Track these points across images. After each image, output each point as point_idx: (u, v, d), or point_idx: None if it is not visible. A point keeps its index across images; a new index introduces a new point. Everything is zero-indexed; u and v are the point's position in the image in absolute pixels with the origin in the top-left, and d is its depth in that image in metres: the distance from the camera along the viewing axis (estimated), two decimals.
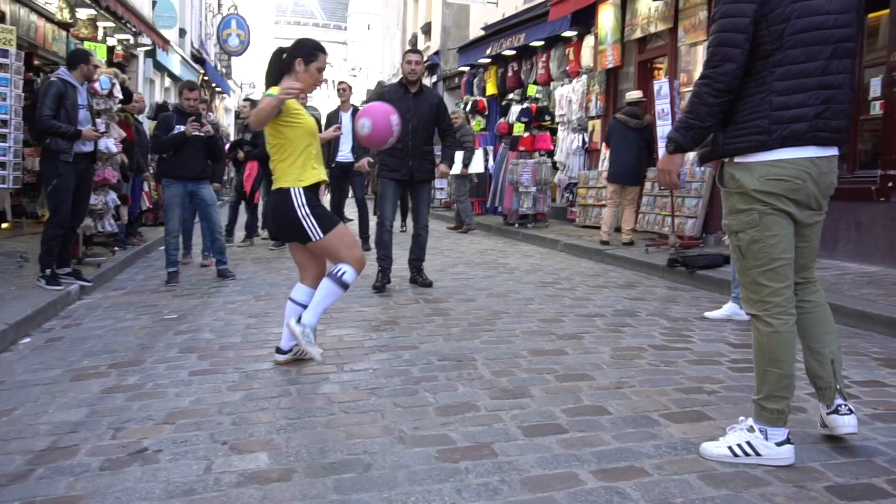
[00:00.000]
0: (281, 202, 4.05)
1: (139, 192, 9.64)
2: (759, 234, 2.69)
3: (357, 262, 4.08)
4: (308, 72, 4.08)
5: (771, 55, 2.61)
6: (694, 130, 2.69)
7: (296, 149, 4.04)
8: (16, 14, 8.83)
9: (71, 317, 5.67)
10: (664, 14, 10.26)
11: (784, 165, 2.63)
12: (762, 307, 2.74)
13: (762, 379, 2.74)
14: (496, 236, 12.06)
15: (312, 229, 4.01)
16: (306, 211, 4.00)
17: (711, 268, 7.19)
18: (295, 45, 4.17)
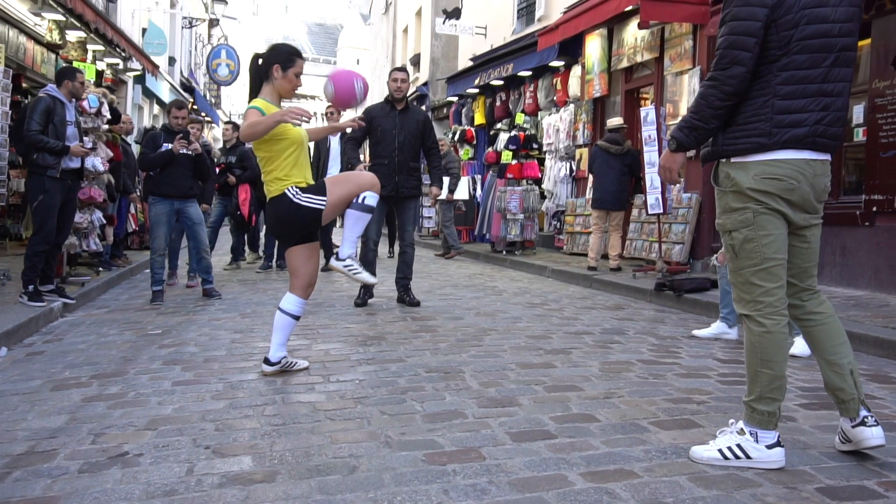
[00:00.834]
0: (280, 206, 4.03)
1: (125, 214, 9.58)
2: (753, 234, 2.69)
3: (371, 185, 4.12)
4: (286, 77, 4.06)
5: (777, 60, 2.62)
6: (697, 131, 2.70)
7: (284, 159, 4.02)
8: (4, 35, 8.84)
9: (53, 333, 5.58)
10: (650, 44, 10.40)
11: (779, 165, 2.63)
12: (754, 307, 2.72)
13: (753, 380, 2.72)
14: (484, 263, 12.05)
15: (315, 202, 3.98)
16: (301, 197, 3.98)
17: (699, 291, 7.20)
18: (270, 51, 4.13)
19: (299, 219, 4.03)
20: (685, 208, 9.43)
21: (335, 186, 4.07)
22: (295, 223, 4.06)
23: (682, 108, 9.85)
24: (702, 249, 9.27)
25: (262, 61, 4.09)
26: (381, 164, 6.75)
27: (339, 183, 4.11)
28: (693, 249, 9.32)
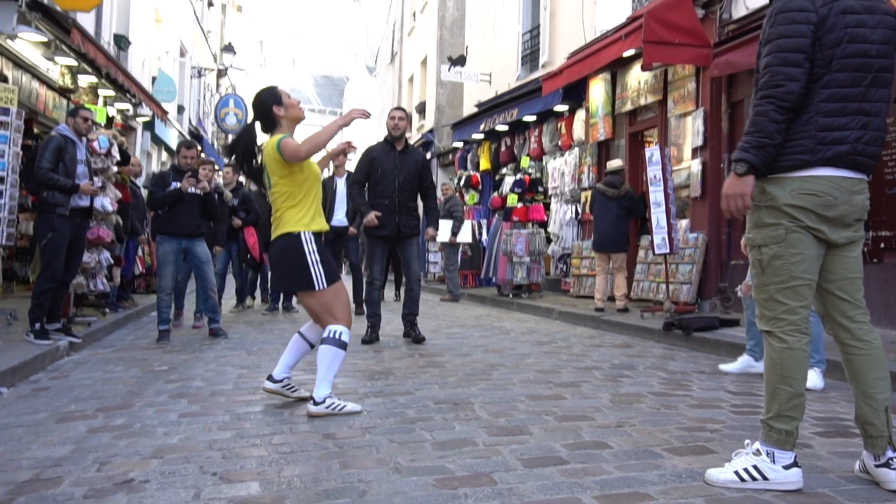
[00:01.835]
0: (290, 246, 3.98)
1: (133, 256, 9.60)
2: (783, 251, 2.67)
3: (348, 320, 4.03)
4: (288, 109, 4.11)
5: (820, 78, 2.63)
6: (766, 149, 2.62)
7: (307, 195, 4.04)
8: (18, 80, 8.99)
9: (58, 370, 5.55)
10: (653, 86, 10.51)
11: (817, 181, 2.62)
12: (776, 324, 2.69)
13: (772, 397, 2.68)
14: (490, 306, 12.01)
15: (318, 277, 3.94)
16: (316, 257, 3.95)
17: (708, 330, 7.14)
18: (260, 102, 4.14)
19: (294, 268, 3.96)
20: (692, 248, 9.42)
21: (335, 291, 4.00)
22: (289, 270, 4.01)
23: (686, 150, 9.91)
24: (709, 289, 9.23)
25: (261, 113, 4.12)
26: (381, 203, 6.80)
27: (339, 294, 4.04)
28: (701, 289, 9.28)
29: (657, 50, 9.07)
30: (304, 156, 3.90)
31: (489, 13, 17.37)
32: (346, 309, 4.05)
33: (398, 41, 27.62)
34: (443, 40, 20.89)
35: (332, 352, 3.92)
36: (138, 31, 14.82)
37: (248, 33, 41.86)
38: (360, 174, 7.03)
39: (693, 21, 9.13)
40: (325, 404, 3.86)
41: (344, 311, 4.03)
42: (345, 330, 3.96)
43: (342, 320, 3.98)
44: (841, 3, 2.63)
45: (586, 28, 12.30)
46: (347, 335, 3.97)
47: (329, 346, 3.92)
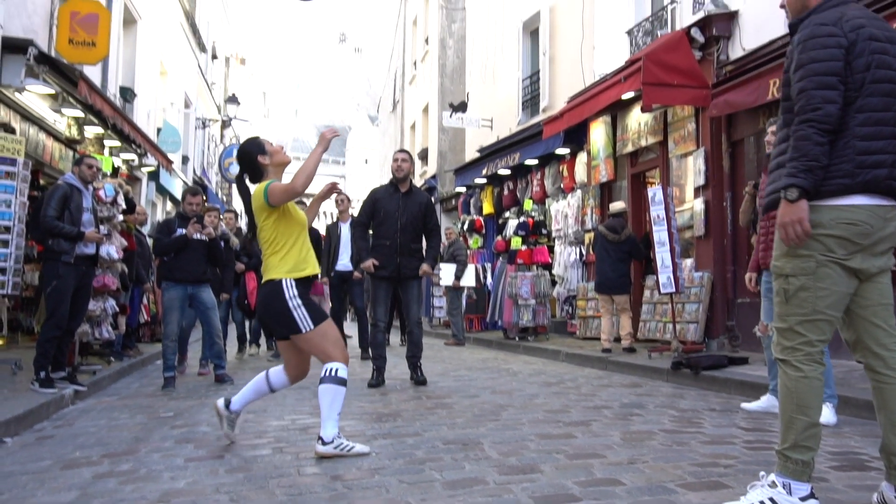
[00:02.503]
0: (272, 293, 4.00)
1: (138, 304, 9.59)
2: (811, 283, 2.64)
3: (343, 356, 4.01)
4: (273, 156, 4.15)
5: (853, 102, 2.64)
6: (814, 172, 2.60)
7: (288, 241, 4.05)
8: (25, 131, 9.08)
9: (63, 419, 5.51)
10: (654, 128, 10.61)
11: (856, 210, 2.61)
12: (792, 353, 2.67)
13: (788, 426, 2.63)
14: (497, 349, 11.94)
15: (303, 320, 3.94)
16: (297, 302, 3.95)
17: (716, 368, 7.08)
18: (244, 154, 4.18)
19: (277, 315, 3.97)
20: (697, 287, 9.40)
21: (323, 331, 3.99)
22: (273, 317, 4.02)
23: (688, 191, 9.95)
24: (717, 328, 9.17)
25: (248, 165, 4.15)
26: (383, 244, 6.84)
27: (329, 334, 4.02)
28: (708, 328, 9.23)
29: (656, 91, 9.18)
30: (301, 188, 3.92)
31: (489, 60, 17.63)
32: (339, 346, 4.03)
33: (399, 90, 27.99)
34: (444, 87, 21.18)
35: (332, 390, 3.90)
36: (144, 83, 15.04)
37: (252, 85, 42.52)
38: (364, 215, 7.08)
39: (691, 62, 9.25)
40: (333, 444, 3.82)
41: (337, 348, 4.01)
42: (341, 366, 3.94)
43: (337, 357, 3.97)
44: (867, 31, 2.65)
45: (585, 72, 12.47)
46: (345, 371, 3.95)
47: (327, 385, 3.90)
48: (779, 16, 8.23)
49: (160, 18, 16.50)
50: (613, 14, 11.85)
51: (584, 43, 12.71)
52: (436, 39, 21.92)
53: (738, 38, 8.97)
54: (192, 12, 20.52)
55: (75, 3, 10.09)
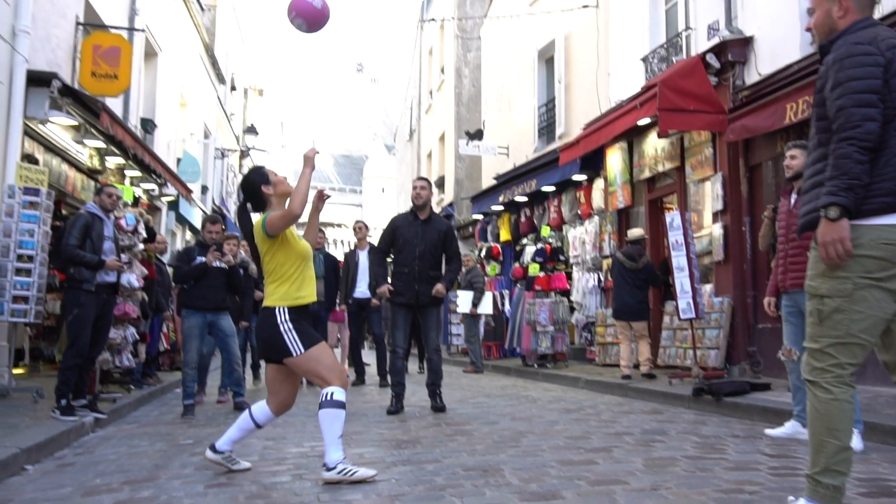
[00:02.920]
0: (264, 320, 4.07)
1: (158, 332, 9.65)
2: (846, 305, 2.61)
3: (340, 379, 4.01)
4: (276, 186, 4.19)
5: (892, 120, 2.62)
6: (854, 191, 2.57)
7: (288, 271, 4.09)
8: (49, 163, 9.23)
9: (84, 446, 5.52)
10: (670, 153, 10.60)
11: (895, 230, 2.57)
12: (821, 374, 2.63)
13: (818, 450, 2.59)
14: (515, 376, 11.87)
15: (293, 343, 3.96)
16: (288, 326, 3.99)
17: (738, 395, 7.00)
18: (248, 183, 4.25)
19: (269, 339, 4.01)
20: (717, 312, 9.32)
21: (316, 354, 4.00)
22: (265, 342, 4.07)
23: (707, 216, 9.92)
24: (738, 354, 9.08)
25: (251, 194, 4.22)
26: (401, 272, 6.90)
27: (322, 357, 4.03)
28: (729, 354, 9.14)
29: (672, 117, 9.19)
30: (298, 210, 3.98)
31: (504, 88, 17.75)
32: (334, 370, 4.03)
33: (416, 119, 28.20)
34: (460, 116, 21.32)
35: (331, 414, 3.91)
36: (164, 114, 15.25)
37: (270, 115, 42.98)
38: (384, 243, 7.15)
39: (707, 88, 9.26)
40: (336, 470, 3.81)
41: (332, 372, 4.02)
42: (337, 390, 3.94)
43: (333, 381, 3.97)
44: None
45: (601, 99, 12.52)
46: (341, 394, 3.95)
47: (326, 410, 3.91)
48: (794, 41, 8.28)
49: (180, 51, 16.77)
50: (628, 41, 11.92)
51: (599, 70, 12.77)
52: (451, 69, 22.11)
53: (754, 64, 8.98)
54: (211, 45, 20.86)
55: (98, 36, 10.30)
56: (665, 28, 11.41)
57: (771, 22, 8.71)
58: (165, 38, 14.98)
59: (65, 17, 9.83)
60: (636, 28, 11.71)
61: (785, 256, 5.17)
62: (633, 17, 11.83)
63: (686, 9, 10.69)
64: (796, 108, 7.63)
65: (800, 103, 7.57)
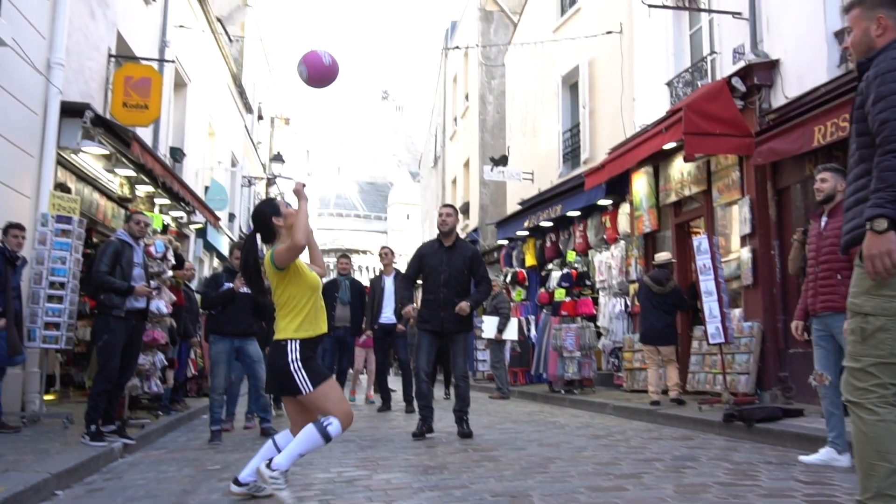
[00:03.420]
0: (276, 354, 4.09)
1: (186, 359, 9.71)
2: (891, 325, 2.56)
3: (345, 417, 4.03)
4: (286, 219, 4.21)
5: None
6: None
7: (298, 304, 4.11)
8: (80, 192, 9.41)
9: (113, 472, 5.55)
10: (697, 177, 10.55)
11: None
12: (864, 395, 2.57)
13: (868, 475, 2.51)
14: (542, 402, 11.78)
15: (302, 381, 3.99)
16: (298, 365, 4.01)
17: (770, 421, 6.88)
18: (259, 214, 4.29)
19: (280, 375, 4.05)
20: (747, 337, 9.20)
21: (324, 391, 4.04)
22: (276, 377, 4.10)
23: (734, 240, 9.84)
24: (769, 379, 8.94)
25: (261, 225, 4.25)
26: (428, 299, 6.94)
27: (330, 394, 4.06)
28: (760, 380, 8.99)
29: (698, 141, 9.15)
30: (303, 241, 4.02)
31: (529, 114, 17.81)
32: (340, 406, 4.05)
33: (441, 145, 28.36)
34: (484, 142, 21.42)
35: (313, 435, 3.93)
36: (193, 143, 15.50)
37: (296, 144, 43.45)
38: (411, 270, 7.21)
39: (733, 112, 9.23)
40: (272, 475, 3.82)
41: (339, 407, 4.04)
42: (335, 422, 3.96)
43: (338, 415, 4.00)
44: None
45: (626, 124, 12.51)
46: (336, 428, 3.96)
47: (313, 430, 3.93)
48: (821, 63, 8.23)
49: (209, 81, 17.07)
50: (653, 66, 11.94)
51: (623, 95, 12.78)
52: (476, 96, 22.26)
53: (780, 87, 8.94)
54: (239, 75, 21.20)
55: (129, 68, 10.53)
56: (690, 52, 11.41)
57: (797, 45, 8.68)
58: (194, 69, 15.27)
59: (98, 49, 10.07)
60: (660, 53, 11.72)
61: (815, 279, 5.10)
62: (657, 43, 11.85)
63: (710, 33, 10.69)
64: (825, 130, 7.57)
65: (828, 126, 7.51)
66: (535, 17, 17.89)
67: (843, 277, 4.74)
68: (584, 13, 14.95)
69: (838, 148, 7.78)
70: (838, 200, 4.96)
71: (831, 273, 4.88)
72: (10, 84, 7.46)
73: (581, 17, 15.04)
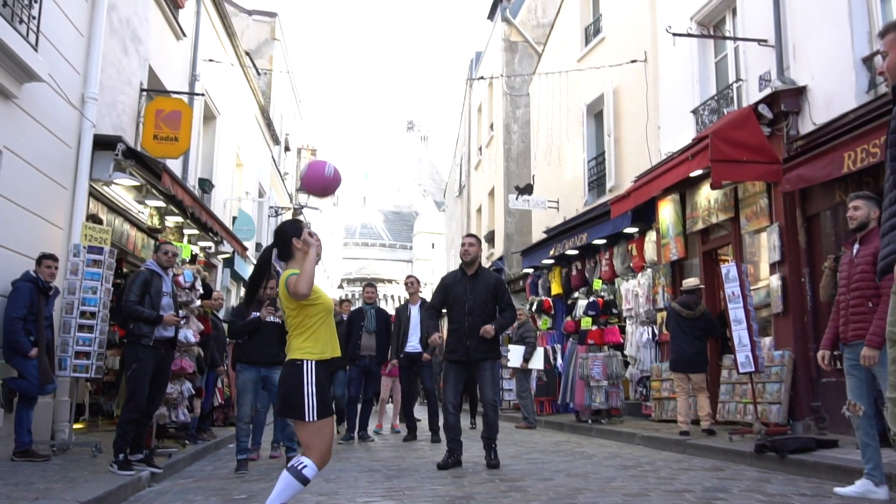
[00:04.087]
0: (292, 373, 4.04)
1: (212, 388, 9.76)
2: None
3: (323, 458, 4.00)
4: (304, 242, 4.19)
5: None
6: None
7: (314, 324, 4.11)
8: (111, 222, 9.56)
9: (140, 500, 5.58)
10: (724, 204, 10.47)
11: None
12: None
13: None
14: (569, 432, 11.65)
15: (310, 409, 3.96)
16: (312, 389, 3.98)
17: (804, 452, 6.75)
18: (282, 231, 4.31)
19: (291, 394, 4.00)
20: (778, 366, 9.05)
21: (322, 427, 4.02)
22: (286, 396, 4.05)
23: (763, 268, 9.73)
24: (801, 409, 8.77)
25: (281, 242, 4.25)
26: (454, 329, 6.95)
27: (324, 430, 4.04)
28: (792, 409, 8.83)
29: (726, 168, 9.10)
30: (304, 290, 3.98)
31: (553, 143, 17.84)
32: (323, 447, 4.01)
33: (465, 175, 28.46)
34: (509, 171, 21.46)
35: (290, 482, 3.90)
36: (221, 174, 15.71)
37: None
38: (436, 300, 7.25)
39: (760, 138, 9.17)
40: None
41: (322, 446, 4.01)
42: (311, 465, 3.92)
43: (314, 457, 3.96)
44: None
45: (651, 151, 12.49)
46: (311, 471, 3.92)
47: (290, 477, 3.90)
48: (849, 89, 8.18)
49: (237, 114, 17.34)
50: (678, 94, 11.93)
51: (649, 123, 12.77)
52: (500, 125, 22.36)
53: (808, 113, 8.89)
54: (266, 107, 21.51)
55: (160, 101, 10.74)
56: (715, 80, 11.39)
57: (825, 71, 8.64)
58: (223, 102, 15.52)
59: (130, 84, 10.28)
60: (686, 81, 11.72)
61: (846, 307, 5.02)
62: (682, 71, 11.86)
63: (736, 61, 10.69)
64: (854, 156, 7.49)
65: (858, 151, 7.44)
66: (559, 47, 18.00)
67: (874, 305, 4.67)
68: (608, 42, 15.02)
69: (868, 174, 7.70)
70: (871, 228, 4.90)
71: (863, 301, 4.81)
72: (45, 118, 7.64)
73: (605, 46, 15.11)
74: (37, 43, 7.14)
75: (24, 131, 7.26)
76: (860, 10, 8.21)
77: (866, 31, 8.13)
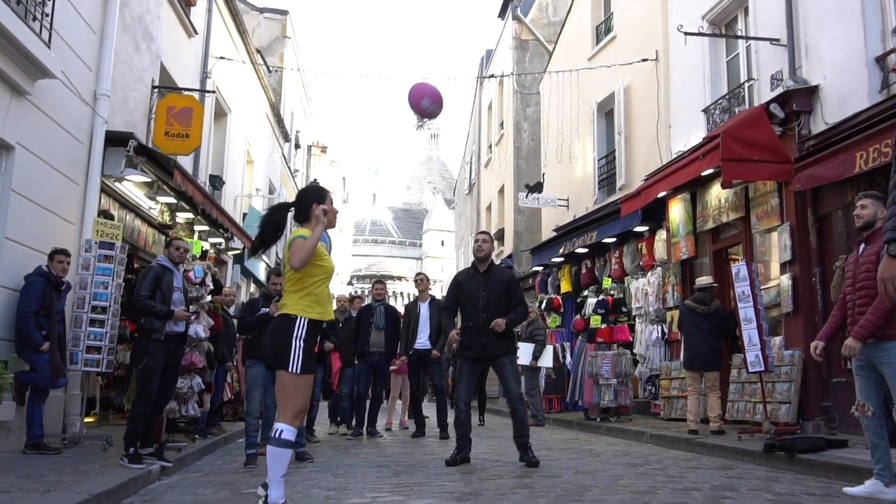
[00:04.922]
0: (283, 325, 4.16)
1: (222, 383, 9.80)
2: None
3: (295, 419, 4.09)
4: (322, 209, 4.28)
5: None
6: None
7: (311, 284, 4.20)
8: (123, 218, 9.61)
9: (150, 494, 5.61)
10: (735, 203, 10.44)
11: None
12: None
13: None
14: (578, 430, 11.65)
15: (295, 361, 4.07)
16: (300, 343, 4.10)
17: (813, 451, 6.72)
18: (304, 195, 4.42)
19: (279, 344, 4.11)
20: (788, 366, 9.02)
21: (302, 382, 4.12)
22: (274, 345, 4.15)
23: (773, 267, 9.70)
24: (811, 409, 8.74)
25: (300, 205, 4.37)
26: (468, 325, 6.94)
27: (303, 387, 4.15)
28: (801, 409, 8.80)
29: (736, 167, 9.07)
30: (297, 266, 4.08)
31: (564, 141, 17.81)
32: (299, 406, 4.12)
33: (475, 172, 28.47)
34: (519, 169, 21.46)
35: (275, 452, 4.02)
36: (232, 171, 15.77)
37: (332, 171, 43.93)
38: (449, 299, 7.27)
39: (771, 138, 9.14)
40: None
41: (296, 407, 4.10)
42: (286, 428, 4.03)
43: (288, 418, 4.07)
44: None
45: (662, 150, 12.47)
46: (289, 432, 4.03)
47: (272, 448, 4.03)
48: (862, 89, 8.14)
49: (248, 111, 17.40)
50: (689, 93, 11.89)
51: (659, 122, 12.75)
52: (511, 123, 22.35)
53: (820, 113, 8.85)
54: (277, 105, 21.57)
55: (172, 98, 10.79)
56: (727, 79, 11.36)
57: (837, 71, 8.59)
58: (234, 99, 15.57)
59: (142, 80, 10.34)
60: (697, 80, 11.68)
61: (852, 307, 5.00)
62: (693, 69, 11.82)
63: (748, 60, 10.64)
64: (866, 156, 7.46)
65: (870, 151, 7.40)
66: (570, 46, 17.97)
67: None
68: (619, 41, 14.99)
69: (881, 174, 7.66)
70: (877, 227, 4.88)
71: (868, 300, 4.78)
72: (58, 114, 7.69)
73: (616, 44, 15.08)
74: (49, 40, 7.19)
75: (36, 128, 7.31)
76: (873, 9, 8.17)
77: (879, 30, 8.09)
